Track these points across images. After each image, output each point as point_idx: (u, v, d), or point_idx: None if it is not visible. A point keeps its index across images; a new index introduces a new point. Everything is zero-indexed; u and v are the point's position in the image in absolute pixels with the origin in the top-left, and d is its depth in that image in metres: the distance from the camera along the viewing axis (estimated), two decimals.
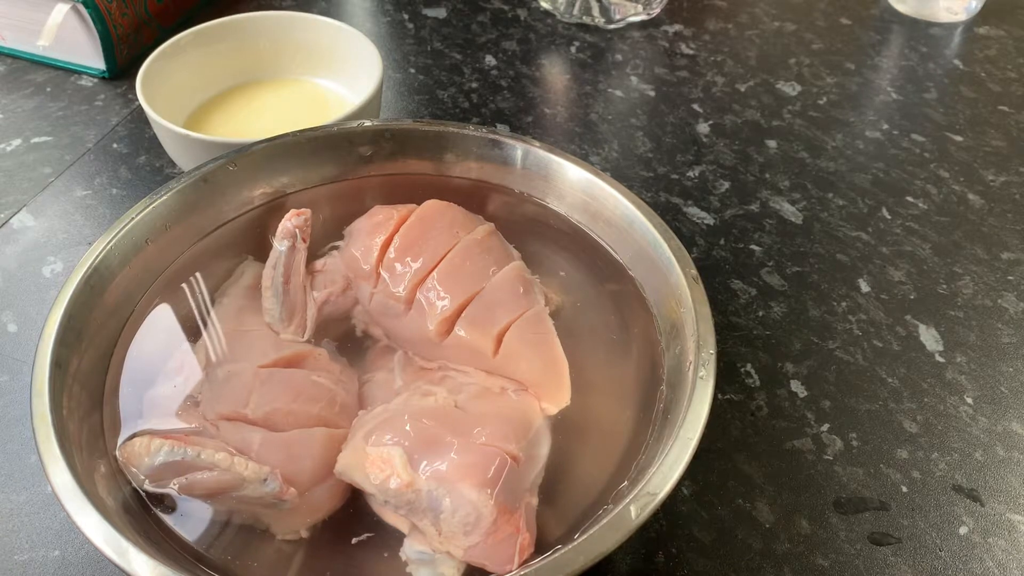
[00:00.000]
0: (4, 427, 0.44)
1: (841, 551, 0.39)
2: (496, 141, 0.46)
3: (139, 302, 0.40)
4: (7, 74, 0.68)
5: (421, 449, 0.34)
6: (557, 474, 0.36)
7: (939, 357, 0.47)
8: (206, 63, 0.58)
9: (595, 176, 0.43)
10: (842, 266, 0.52)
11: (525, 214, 0.46)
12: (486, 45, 0.72)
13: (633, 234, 0.42)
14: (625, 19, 0.73)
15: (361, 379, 0.40)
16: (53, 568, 0.38)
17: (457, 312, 0.39)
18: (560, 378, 0.38)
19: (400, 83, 0.67)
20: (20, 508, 0.40)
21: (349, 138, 0.46)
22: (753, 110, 0.65)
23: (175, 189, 0.42)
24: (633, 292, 0.42)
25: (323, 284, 0.42)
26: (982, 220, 0.56)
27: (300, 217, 0.41)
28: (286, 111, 0.59)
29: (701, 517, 0.40)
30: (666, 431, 0.34)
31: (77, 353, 0.36)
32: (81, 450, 0.33)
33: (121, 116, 0.63)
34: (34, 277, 0.51)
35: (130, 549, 0.29)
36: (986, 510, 0.40)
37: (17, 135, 0.62)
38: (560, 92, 0.67)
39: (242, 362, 0.38)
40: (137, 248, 0.40)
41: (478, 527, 0.32)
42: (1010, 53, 0.71)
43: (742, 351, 0.47)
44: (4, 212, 0.56)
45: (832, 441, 0.43)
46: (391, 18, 0.76)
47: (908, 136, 0.63)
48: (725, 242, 0.54)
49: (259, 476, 0.33)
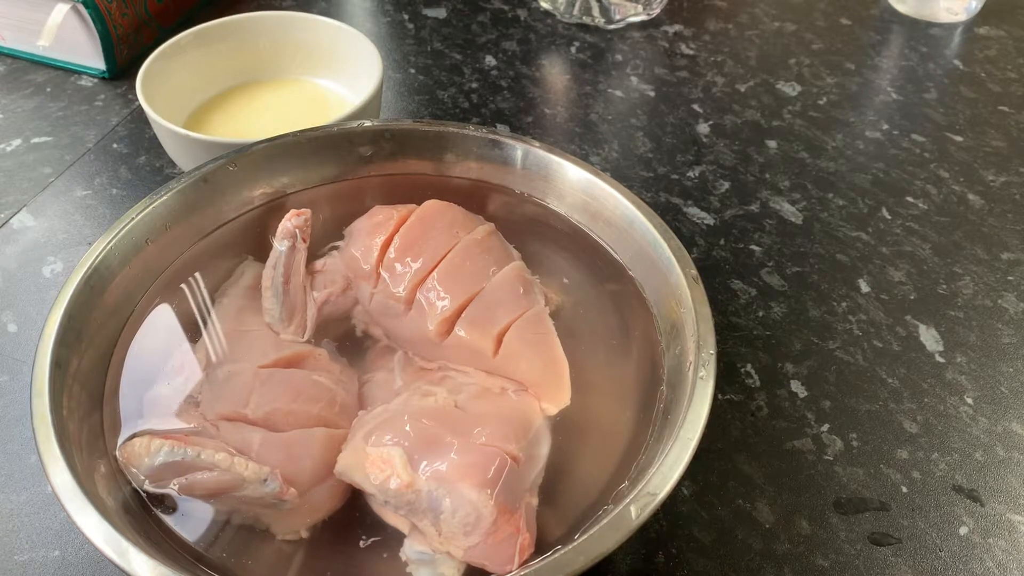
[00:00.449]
0: (4, 427, 0.44)
1: (841, 551, 0.39)
2: (496, 141, 0.46)
3: (139, 302, 0.40)
4: (7, 74, 0.68)
5: (421, 449, 0.34)
6: (557, 474, 0.36)
7: (939, 357, 0.47)
8: (206, 63, 0.58)
9: (595, 176, 0.43)
10: (842, 266, 0.52)
11: (525, 214, 0.46)
12: (486, 45, 0.72)
13: (633, 234, 0.42)
14: (625, 19, 0.73)
15: (361, 379, 0.40)
16: (53, 568, 0.38)
17: (457, 312, 0.39)
18: (560, 378, 0.38)
19: (400, 83, 0.67)
20: (20, 508, 0.40)
21: (349, 138, 0.46)
22: (753, 110, 0.65)
23: (175, 189, 0.42)
24: (633, 292, 0.42)
25: (323, 284, 0.42)
26: (982, 220, 0.56)
27: (300, 217, 0.41)
28: (286, 111, 0.59)
29: (701, 517, 0.40)
30: (666, 431, 0.34)
31: (77, 353, 0.36)
32: (81, 450, 0.33)
33: (121, 116, 0.63)
34: (34, 277, 0.51)
35: (130, 549, 0.29)
36: (986, 510, 0.40)
37: (17, 135, 0.62)
38: (560, 92, 0.67)
39: (242, 362, 0.38)
40: (137, 248, 0.40)
41: (478, 527, 0.32)
42: (1010, 53, 0.71)
43: (742, 351, 0.47)
44: (4, 212, 0.56)
45: (832, 441, 0.43)
46: (391, 18, 0.76)
47: (908, 136, 0.63)
48: (725, 242, 0.54)
49: (259, 476, 0.33)
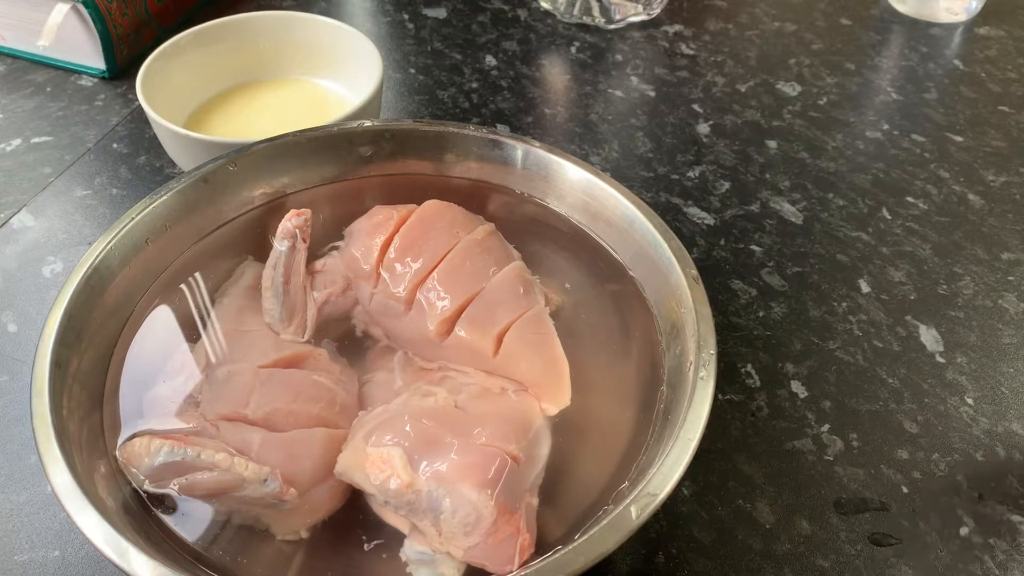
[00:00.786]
0: (4, 427, 0.44)
1: (841, 552, 0.39)
2: (496, 141, 0.46)
3: (139, 302, 0.40)
4: (7, 74, 0.68)
5: (421, 449, 0.34)
6: (557, 474, 0.36)
7: (939, 358, 0.47)
8: (206, 63, 0.58)
9: (595, 176, 0.43)
10: (842, 266, 0.52)
11: (525, 214, 0.46)
12: (486, 45, 0.72)
13: (633, 234, 0.42)
14: (625, 19, 0.73)
15: (361, 379, 0.40)
16: (53, 568, 0.38)
17: (457, 312, 0.39)
18: (560, 378, 0.38)
19: (400, 83, 0.67)
20: (20, 508, 0.40)
21: (349, 138, 0.46)
22: (753, 110, 0.65)
23: (175, 189, 0.42)
24: (633, 292, 0.42)
25: (323, 284, 0.42)
26: (982, 220, 0.56)
27: (300, 217, 0.41)
28: (286, 111, 0.59)
29: (701, 517, 0.40)
30: (666, 432, 0.34)
31: (77, 353, 0.36)
32: (81, 450, 0.33)
33: (121, 116, 0.63)
34: (34, 277, 0.51)
35: (130, 549, 0.29)
36: (986, 511, 0.40)
37: (17, 135, 0.62)
38: (560, 92, 0.67)
39: (242, 362, 0.38)
40: (137, 248, 0.40)
41: (478, 527, 0.32)
42: (1010, 53, 0.71)
43: (742, 351, 0.47)
44: (4, 212, 0.56)
45: (832, 441, 0.43)
46: (391, 18, 0.76)
47: (908, 136, 0.63)
48: (725, 242, 0.54)
49: (259, 476, 0.33)
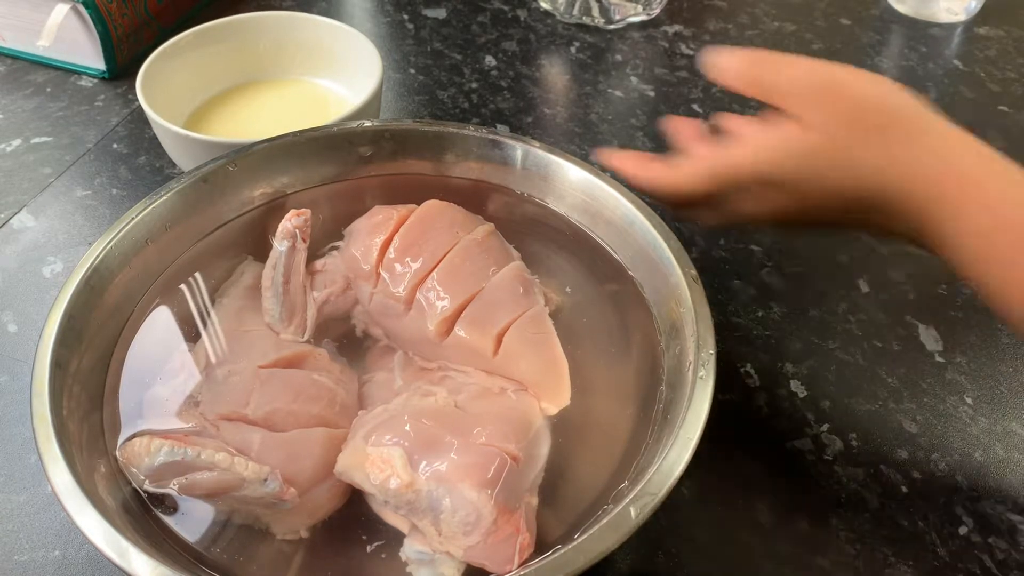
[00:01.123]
0: (4, 427, 0.44)
1: (841, 551, 0.39)
2: (496, 141, 0.46)
3: (139, 302, 0.40)
4: (7, 74, 0.68)
5: (421, 449, 0.34)
6: (557, 474, 0.36)
7: (939, 357, 0.47)
8: (206, 63, 0.58)
9: (595, 176, 0.43)
10: (842, 266, 0.52)
11: (525, 214, 0.46)
12: (486, 45, 0.72)
13: (633, 234, 0.42)
14: (625, 19, 0.73)
15: (361, 379, 0.40)
16: (53, 568, 0.38)
17: (457, 312, 0.39)
18: (560, 378, 0.38)
19: (400, 83, 0.67)
20: (20, 508, 0.40)
21: (349, 138, 0.46)
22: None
23: (175, 189, 0.42)
24: (633, 292, 0.42)
25: (323, 284, 0.42)
26: None
27: (300, 217, 0.41)
28: (286, 111, 0.59)
29: (701, 517, 0.40)
30: (666, 431, 0.34)
31: (77, 353, 0.36)
32: (81, 450, 0.33)
33: (121, 116, 0.63)
34: (34, 277, 0.51)
35: (130, 549, 0.29)
36: (986, 510, 0.40)
37: (17, 135, 0.62)
38: (560, 92, 0.67)
39: (242, 362, 0.38)
40: (137, 248, 0.40)
41: (478, 527, 0.32)
42: (1010, 53, 0.71)
43: (742, 351, 0.47)
44: (4, 212, 0.56)
45: (832, 441, 0.43)
46: (391, 18, 0.76)
47: None
48: (725, 242, 0.54)
49: (259, 476, 0.33)
